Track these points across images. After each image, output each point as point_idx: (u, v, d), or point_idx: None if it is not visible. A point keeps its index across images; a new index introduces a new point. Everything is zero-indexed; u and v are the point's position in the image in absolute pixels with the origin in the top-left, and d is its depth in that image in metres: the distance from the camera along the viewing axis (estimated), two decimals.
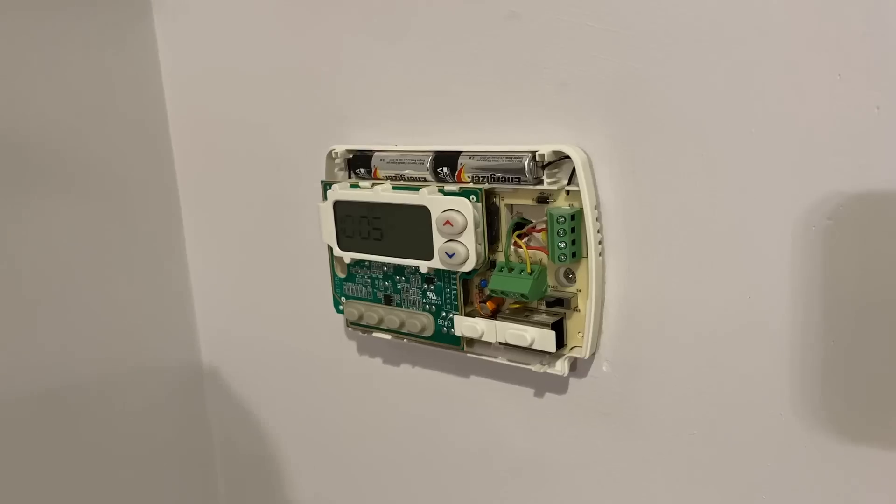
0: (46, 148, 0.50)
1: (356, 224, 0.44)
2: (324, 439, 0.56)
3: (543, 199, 0.38)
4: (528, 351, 0.40)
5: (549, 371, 0.40)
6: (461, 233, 0.39)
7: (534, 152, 0.37)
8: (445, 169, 0.40)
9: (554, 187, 0.37)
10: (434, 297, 0.43)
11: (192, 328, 0.61)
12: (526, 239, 0.39)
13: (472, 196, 0.39)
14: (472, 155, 0.39)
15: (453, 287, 0.42)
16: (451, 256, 0.39)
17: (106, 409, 0.56)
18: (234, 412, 0.61)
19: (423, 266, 0.41)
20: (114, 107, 0.54)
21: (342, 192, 0.43)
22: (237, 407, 0.61)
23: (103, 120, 0.53)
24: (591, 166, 0.37)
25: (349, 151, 0.45)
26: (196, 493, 0.64)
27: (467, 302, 0.42)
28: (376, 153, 0.43)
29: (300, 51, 0.47)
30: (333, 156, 0.45)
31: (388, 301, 0.45)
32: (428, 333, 0.43)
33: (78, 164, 0.52)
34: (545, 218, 0.38)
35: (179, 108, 0.56)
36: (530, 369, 0.40)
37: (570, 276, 0.39)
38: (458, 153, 0.40)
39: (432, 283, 0.42)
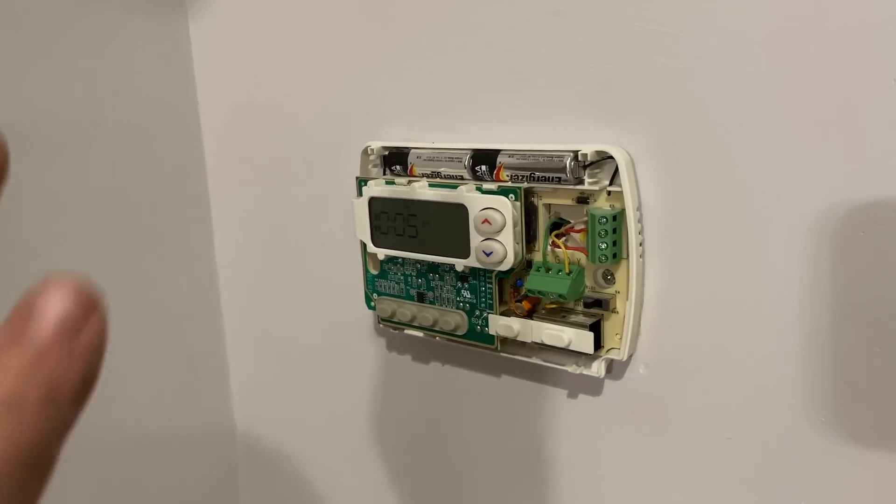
0: (72, 140, 0.50)
1: (391, 221, 0.43)
2: (351, 436, 0.56)
3: (583, 199, 0.38)
4: (564, 352, 0.40)
5: (584, 372, 0.39)
6: (499, 231, 0.39)
7: (576, 152, 0.37)
8: (484, 167, 0.40)
9: (595, 188, 0.37)
10: (468, 296, 0.42)
11: (219, 321, 0.61)
12: (564, 239, 0.39)
13: (511, 195, 0.38)
14: (512, 153, 0.39)
15: (488, 286, 0.41)
16: (488, 255, 0.39)
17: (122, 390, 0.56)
18: (260, 403, 0.62)
19: (459, 264, 0.41)
20: (144, 102, 0.54)
21: (378, 188, 0.43)
22: (262, 398, 0.61)
23: (132, 115, 0.53)
24: (633, 167, 0.37)
25: (385, 148, 0.45)
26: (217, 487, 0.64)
27: (502, 301, 0.42)
28: (413, 150, 0.43)
29: (337, 46, 0.47)
30: (369, 152, 0.45)
31: (421, 298, 0.45)
32: (461, 332, 0.43)
33: (105, 161, 0.52)
34: (584, 218, 0.37)
35: (211, 102, 0.56)
36: (566, 370, 0.40)
37: (608, 278, 0.39)
38: (497, 151, 0.40)
39: (467, 281, 0.42)
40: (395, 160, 0.44)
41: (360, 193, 0.45)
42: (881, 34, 0.30)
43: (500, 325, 0.41)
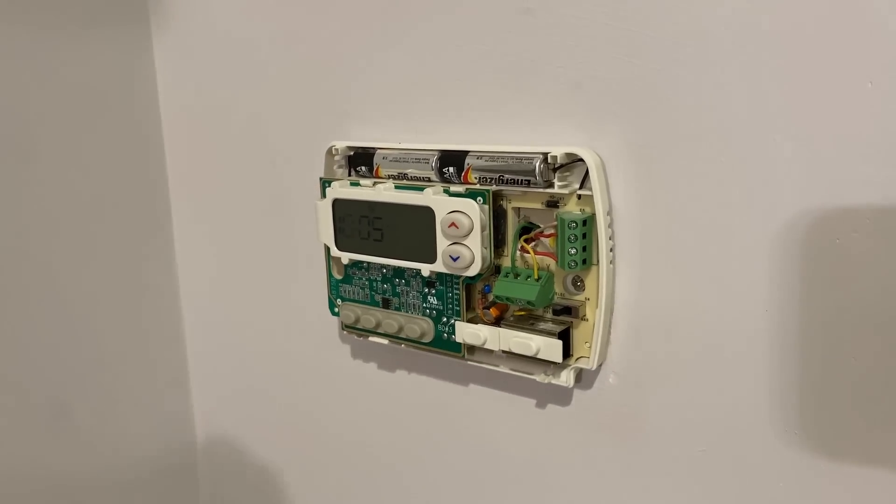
0: (33, 140, 0.48)
1: (356, 224, 0.42)
2: (314, 446, 0.54)
3: (553, 202, 0.37)
4: (532, 360, 0.38)
5: (553, 382, 0.38)
6: (466, 236, 0.37)
7: (545, 154, 0.36)
8: (451, 169, 0.39)
9: (565, 191, 0.36)
10: (435, 302, 0.41)
11: (180, 328, 0.59)
12: (533, 244, 0.38)
13: (480, 198, 0.37)
14: (480, 155, 0.38)
15: (456, 292, 0.40)
16: (455, 260, 0.38)
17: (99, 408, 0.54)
18: (223, 413, 0.60)
19: (426, 269, 0.40)
20: (105, 102, 0.52)
21: (342, 190, 0.42)
22: (225, 408, 0.59)
23: (93, 115, 0.51)
24: (604, 170, 0.36)
25: (350, 148, 0.43)
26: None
27: (469, 307, 0.40)
28: (379, 150, 0.42)
29: (302, 42, 0.46)
30: (333, 152, 0.43)
31: (386, 304, 0.43)
32: (427, 339, 0.42)
33: (65, 161, 0.50)
34: (554, 223, 0.36)
35: (173, 98, 0.54)
36: (534, 379, 0.39)
37: (578, 284, 0.38)
38: (466, 153, 0.38)
39: (433, 286, 0.41)
40: (361, 161, 0.43)
41: (323, 195, 0.43)
42: (857, 37, 0.29)
43: (468, 332, 0.39)
